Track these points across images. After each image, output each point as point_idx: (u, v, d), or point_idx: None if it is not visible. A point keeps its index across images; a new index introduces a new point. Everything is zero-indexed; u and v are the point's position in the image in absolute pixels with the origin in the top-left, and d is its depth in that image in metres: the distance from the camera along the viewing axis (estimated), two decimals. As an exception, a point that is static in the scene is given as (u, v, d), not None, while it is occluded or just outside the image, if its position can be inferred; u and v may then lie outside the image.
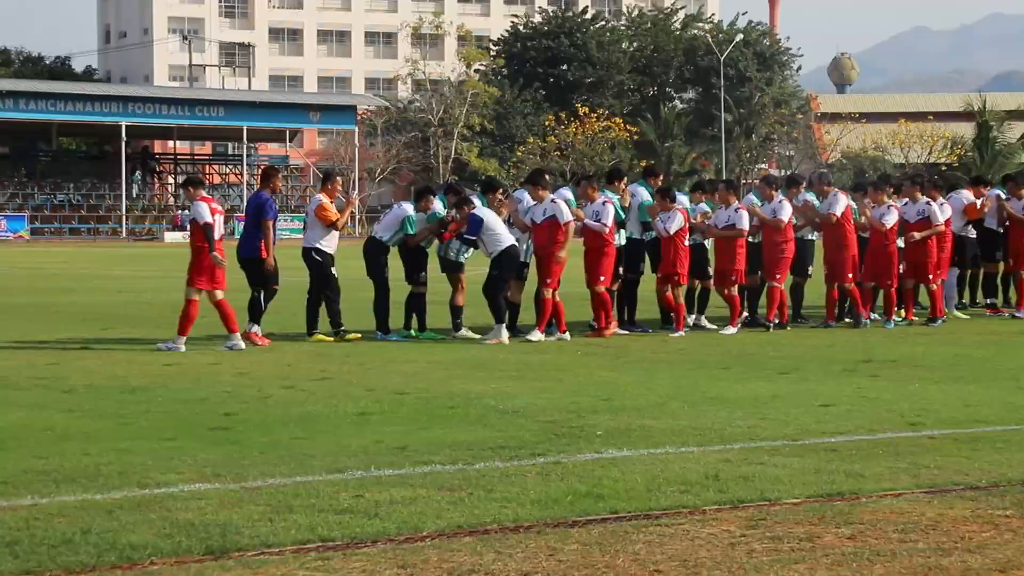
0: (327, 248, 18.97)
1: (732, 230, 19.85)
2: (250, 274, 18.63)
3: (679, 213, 19.54)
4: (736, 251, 19.87)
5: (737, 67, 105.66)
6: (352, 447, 10.36)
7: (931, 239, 20.77)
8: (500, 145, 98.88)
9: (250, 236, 18.70)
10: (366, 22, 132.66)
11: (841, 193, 20.73)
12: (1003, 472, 9.33)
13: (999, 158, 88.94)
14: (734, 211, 19.93)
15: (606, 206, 19.18)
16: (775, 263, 19.99)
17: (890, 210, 20.49)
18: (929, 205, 20.85)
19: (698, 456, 9.97)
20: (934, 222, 20.76)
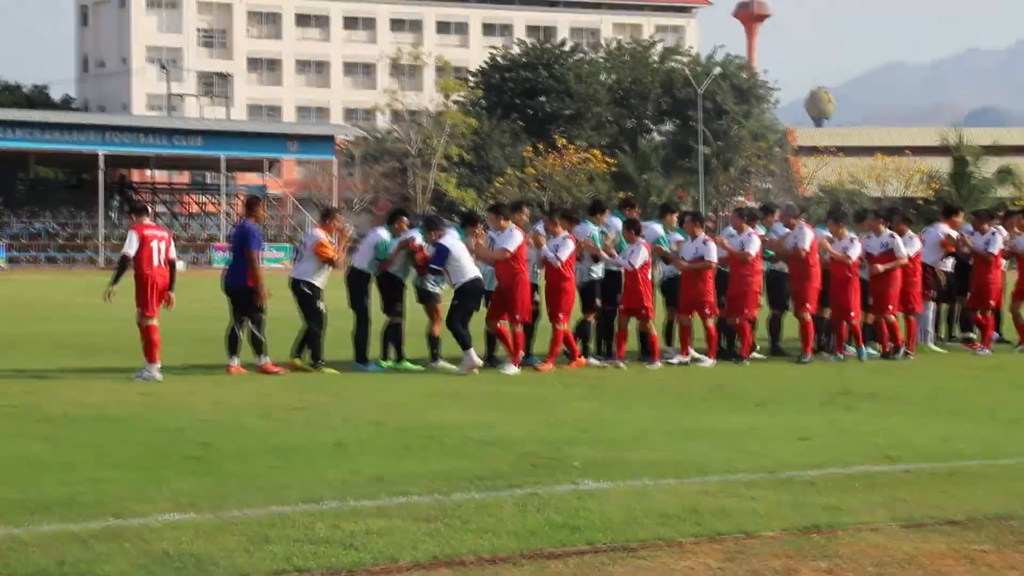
0: (318, 282, 18.97)
1: (700, 262, 19.84)
2: (235, 304, 18.58)
3: (643, 247, 19.50)
4: (705, 283, 19.83)
5: (715, 100, 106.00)
6: (329, 477, 10.33)
7: (897, 272, 20.84)
8: (478, 176, 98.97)
9: (236, 266, 18.66)
10: (345, 52, 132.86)
11: (807, 226, 20.72)
12: (980, 507, 9.35)
13: (975, 192, 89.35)
14: (702, 243, 19.91)
15: (566, 241, 19.14)
16: (742, 296, 20.01)
17: (853, 243, 20.62)
18: (892, 238, 20.92)
19: (676, 488, 9.96)
20: (897, 255, 20.81)
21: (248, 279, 18.40)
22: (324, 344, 18.86)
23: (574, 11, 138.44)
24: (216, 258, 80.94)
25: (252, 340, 18.42)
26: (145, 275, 17.77)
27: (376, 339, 19.35)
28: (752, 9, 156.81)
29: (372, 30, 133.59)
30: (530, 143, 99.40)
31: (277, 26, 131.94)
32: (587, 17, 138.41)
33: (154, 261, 17.82)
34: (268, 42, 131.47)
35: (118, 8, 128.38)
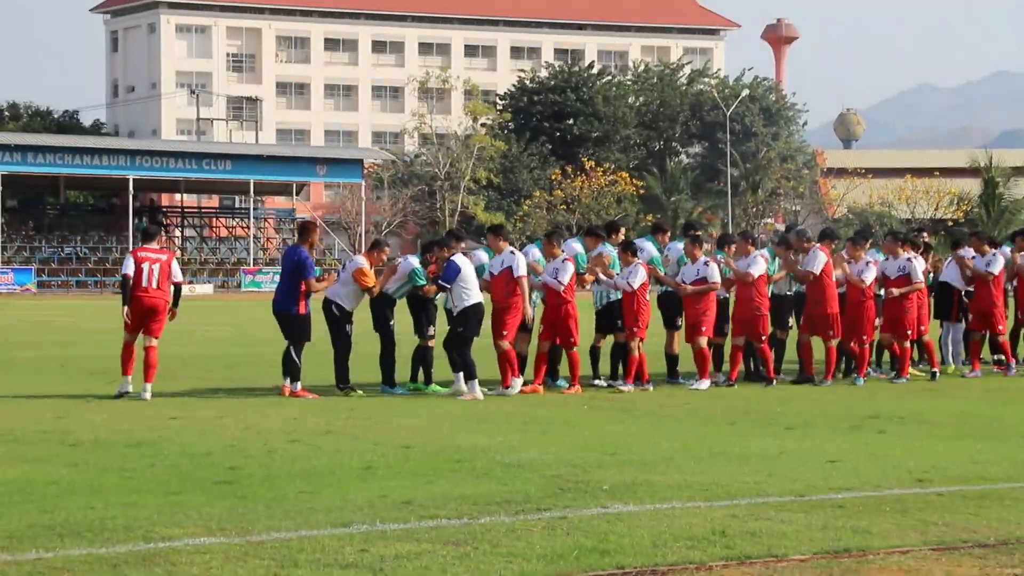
0: (348, 306, 19.03)
1: (704, 284, 19.70)
2: (284, 328, 18.66)
3: (641, 267, 19.24)
4: (706, 304, 19.64)
5: (743, 122, 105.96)
6: (357, 501, 10.33)
7: (912, 296, 20.63)
8: (506, 199, 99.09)
9: (285, 290, 18.75)
10: (373, 76, 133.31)
11: (820, 249, 20.39)
12: (1011, 530, 9.29)
13: (1006, 214, 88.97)
14: (703, 264, 19.79)
15: (565, 264, 18.96)
16: (754, 320, 19.82)
17: (868, 267, 20.47)
18: (910, 261, 20.74)
19: (705, 511, 9.93)
20: (914, 279, 20.62)
21: (299, 307, 18.52)
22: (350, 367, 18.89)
23: (602, 34, 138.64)
24: (245, 282, 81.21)
25: (285, 360, 18.46)
26: (132, 296, 18.24)
27: (404, 362, 19.35)
28: (780, 31, 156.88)
29: (400, 53, 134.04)
30: (558, 166, 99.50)
31: (306, 50, 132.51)
32: (615, 40, 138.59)
33: (142, 283, 18.29)
34: (297, 66, 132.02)
35: (148, 34, 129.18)
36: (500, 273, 18.78)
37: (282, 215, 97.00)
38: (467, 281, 18.53)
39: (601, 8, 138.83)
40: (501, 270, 18.79)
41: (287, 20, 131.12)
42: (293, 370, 18.44)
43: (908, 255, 20.89)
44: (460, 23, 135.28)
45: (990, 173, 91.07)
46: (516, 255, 18.84)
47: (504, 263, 18.79)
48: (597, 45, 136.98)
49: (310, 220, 21.55)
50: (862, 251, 20.75)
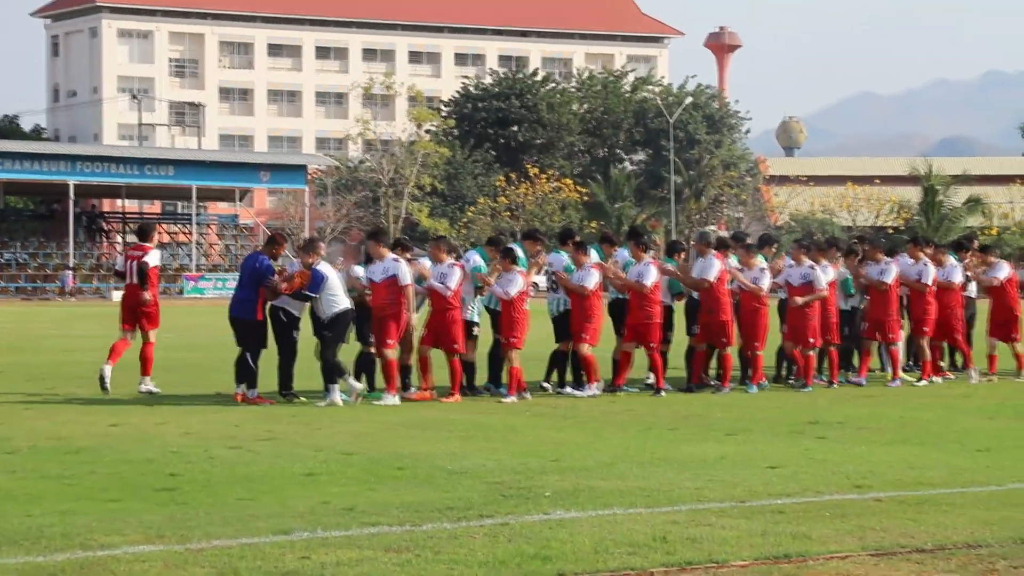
0: (294, 311, 18.96)
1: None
2: (242, 334, 18.55)
3: (519, 276, 19.08)
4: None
5: (686, 129, 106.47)
6: (299, 508, 10.30)
7: (816, 304, 20.37)
8: (451, 205, 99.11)
9: (245, 297, 18.65)
10: (317, 82, 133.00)
11: (715, 257, 20.16)
12: (948, 535, 9.38)
13: (945, 222, 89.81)
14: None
15: (452, 269, 18.82)
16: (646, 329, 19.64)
17: (763, 273, 20.22)
18: (813, 269, 20.50)
19: (646, 517, 9.97)
20: (817, 287, 20.38)
21: (258, 313, 18.45)
22: (294, 374, 18.85)
23: (546, 41, 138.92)
24: (187, 288, 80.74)
25: (243, 371, 18.37)
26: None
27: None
28: (723, 39, 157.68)
29: (344, 60, 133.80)
30: (502, 172, 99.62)
31: (249, 56, 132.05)
32: (559, 47, 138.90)
33: (125, 279, 19.00)
34: (240, 72, 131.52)
35: (89, 38, 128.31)
36: (383, 281, 18.65)
37: (225, 221, 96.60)
38: (333, 289, 18.46)
39: (545, 15, 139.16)
40: (384, 278, 18.63)
41: (230, 25, 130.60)
42: (250, 377, 18.37)
43: (810, 263, 20.55)
44: (404, 29, 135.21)
45: (930, 181, 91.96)
46: (400, 263, 18.74)
47: (388, 271, 18.67)
48: (541, 52, 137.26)
49: (281, 232, 21.52)
50: (755, 258, 20.45)
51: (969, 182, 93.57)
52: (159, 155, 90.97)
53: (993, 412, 17.59)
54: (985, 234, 78.97)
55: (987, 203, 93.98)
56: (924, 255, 21.83)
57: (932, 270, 21.54)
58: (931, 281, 21.44)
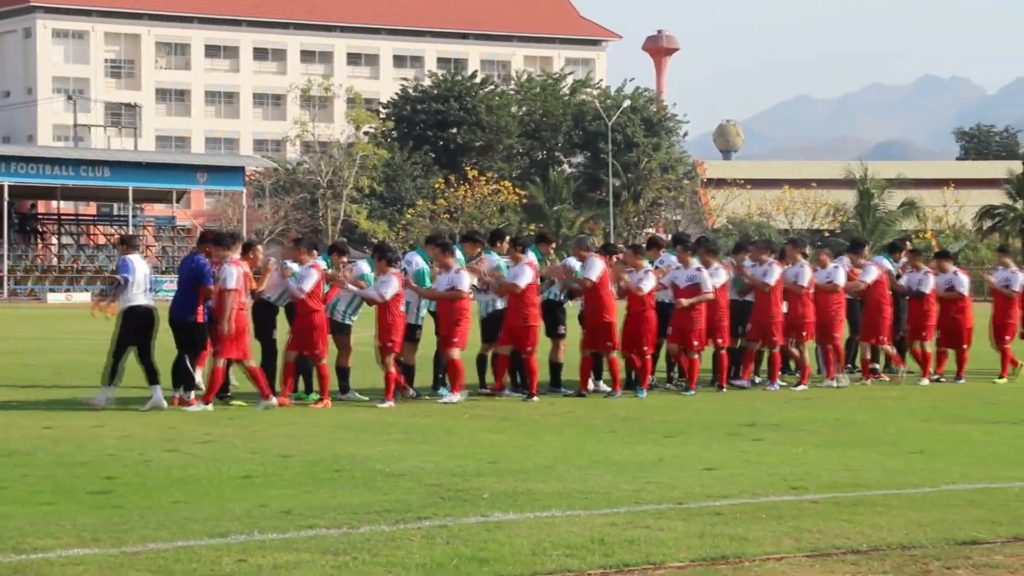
0: None
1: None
2: (180, 336, 18.41)
3: (395, 278, 18.86)
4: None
5: (625, 132, 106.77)
6: (235, 511, 10.25)
7: (702, 307, 20.25)
8: (390, 207, 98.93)
9: (183, 299, 18.49)
10: (254, 83, 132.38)
11: (598, 258, 19.97)
12: (883, 536, 9.45)
13: (880, 225, 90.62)
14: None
15: (309, 271, 18.60)
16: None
17: (648, 275, 19.89)
18: (699, 271, 20.29)
19: (584, 519, 9.98)
20: (703, 289, 20.20)
21: (196, 315, 18.31)
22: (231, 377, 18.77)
23: (485, 43, 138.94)
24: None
25: (177, 368, 18.25)
26: None
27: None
28: (661, 43, 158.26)
29: (282, 61, 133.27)
30: (441, 175, 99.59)
31: (186, 57, 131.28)
32: (498, 49, 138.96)
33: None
34: (176, 73, 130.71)
35: (23, 38, 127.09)
36: None
37: (162, 222, 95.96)
38: (137, 283, 18.38)
39: (484, 18, 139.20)
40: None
41: (167, 26, 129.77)
42: (187, 379, 18.26)
43: (697, 265, 20.31)
44: (343, 31, 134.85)
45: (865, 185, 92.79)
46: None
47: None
48: (480, 54, 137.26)
49: (211, 229, 21.39)
50: (642, 260, 20.17)
51: (904, 186, 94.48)
52: (95, 156, 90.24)
53: (927, 414, 17.76)
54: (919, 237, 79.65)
55: (921, 207, 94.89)
56: (801, 257, 21.48)
57: (808, 272, 21.16)
58: (807, 283, 21.05)
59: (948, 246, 67.92)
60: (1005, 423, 16.75)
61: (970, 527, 9.75)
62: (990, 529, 9.68)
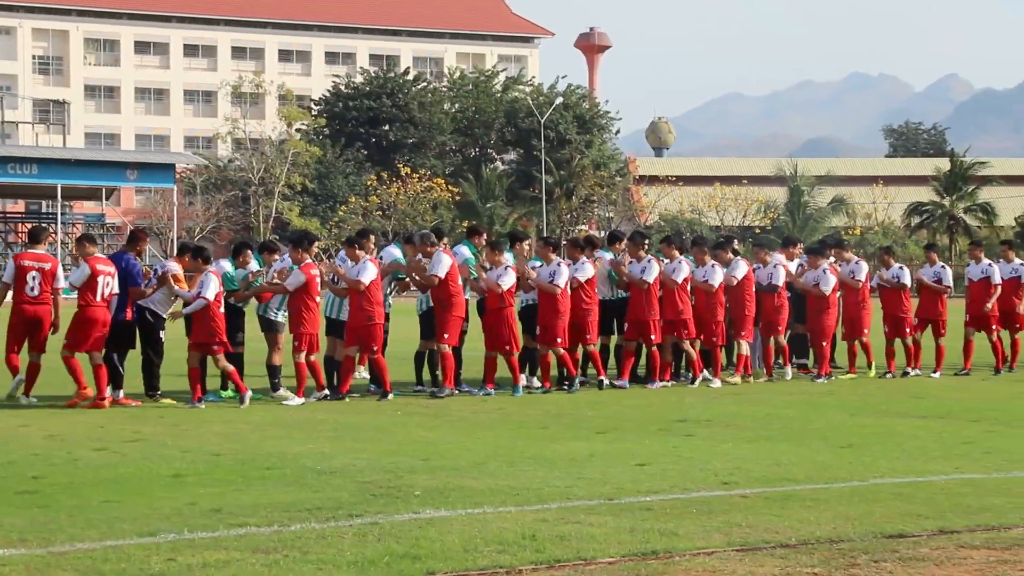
0: (161, 311, 18.75)
1: (549, 286, 19.83)
2: (109, 335, 18.23)
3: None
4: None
5: (557, 129, 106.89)
6: (165, 509, 10.18)
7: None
8: (322, 204, 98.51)
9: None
10: (185, 80, 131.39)
11: (445, 254, 19.62)
12: (812, 530, 9.53)
13: (810, 222, 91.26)
14: (557, 266, 19.85)
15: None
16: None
17: (507, 271, 19.61)
18: (560, 266, 19.86)
19: (515, 515, 10.00)
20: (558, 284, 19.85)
21: (125, 313, 18.18)
22: (161, 375, 18.65)
23: (417, 40, 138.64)
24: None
25: (110, 373, 18.11)
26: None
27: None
28: (593, 40, 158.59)
29: (213, 57, 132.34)
30: (374, 171, 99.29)
31: (115, 53, 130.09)
32: (430, 46, 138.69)
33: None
34: (106, 69, 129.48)
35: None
36: None
37: (91, 220, 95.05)
38: None
39: (416, 15, 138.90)
40: None
41: (95, 22, 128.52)
42: (116, 378, 18.13)
43: (559, 260, 20.09)
44: (274, 27, 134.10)
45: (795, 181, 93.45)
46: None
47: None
48: (412, 51, 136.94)
49: (142, 228, 21.19)
50: (502, 256, 19.89)
51: (833, 182, 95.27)
52: (22, 153, 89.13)
53: (856, 409, 17.91)
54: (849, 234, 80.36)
55: (850, 203, 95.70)
56: (679, 254, 21.37)
57: (686, 269, 20.96)
58: (681, 280, 20.80)
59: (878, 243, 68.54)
60: (932, 417, 16.92)
61: (897, 521, 9.85)
62: (916, 522, 9.79)
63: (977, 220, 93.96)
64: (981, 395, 19.85)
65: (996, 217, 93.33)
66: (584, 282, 20.21)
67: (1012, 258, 24.10)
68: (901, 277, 23.04)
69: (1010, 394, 19.98)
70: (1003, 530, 9.59)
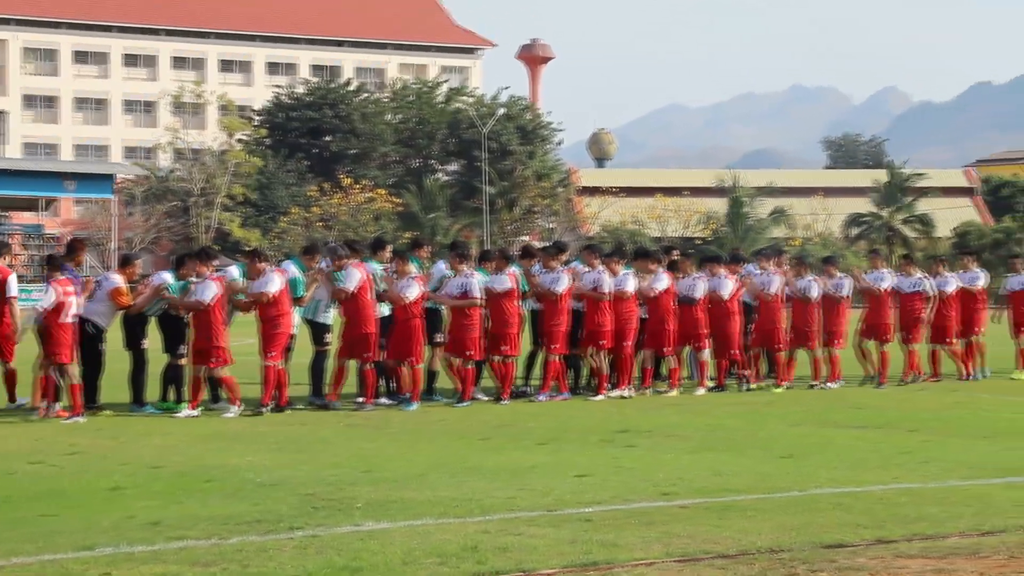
0: (103, 324, 18.65)
1: (464, 299, 19.73)
2: None
3: (416, 281, 19.18)
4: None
5: (500, 140, 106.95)
6: (103, 523, 10.10)
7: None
8: (263, 215, 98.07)
9: None
10: (125, 90, 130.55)
11: (355, 267, 19.32)
12: (752, 540, 9.57)
13: (751, 233, 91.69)
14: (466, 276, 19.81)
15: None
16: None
17: (412, 283, 19.29)
18: (469, 278, 19.83)
19: (457, 527, 9.99)
20: (471, 295, 19.70)
21: None
22: (101, 386, 18.52)
23: (359, 51, 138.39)
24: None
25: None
26: None
27: (155, 380, 19.01)
28: (535, 51, 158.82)
29: (153, 67, 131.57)
30: (316, 182, 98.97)
31: (54, 62, 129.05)
32: (372, 57, 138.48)
33: None
34: (45, 79, 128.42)
35: None
36: None
37: (30, 231, 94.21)
38: None
39: (358, 25, 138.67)
40: None
41: (34, 31, 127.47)
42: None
43: (469, 271, 20.00)
44: (215, 37, 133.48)
45: (736, 193, 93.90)
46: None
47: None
48: (354, 62, 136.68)
49: (80, 239, 20.99)
50: (406, 266, 19.67)
51: (774, 194, 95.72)
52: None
53: (797, 419, 18.01)
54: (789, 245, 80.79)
55: (791, 214, 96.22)
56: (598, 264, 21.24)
57: (566, 279, 20.61)
58: (562, 290, 20.52)
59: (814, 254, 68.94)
60: (871, 427, 17.04)
61: (836, 530, 9.91)
62: (855, 532, 9.86)
63: (915, 231, 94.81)
64: (919, 405, 20.01)
65: (934, 228, 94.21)
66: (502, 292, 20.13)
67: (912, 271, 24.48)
68: (841, 288, 23.21)
69: (947, 404, 20.15)
70: (940, 539, 9.67)
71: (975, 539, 9.67)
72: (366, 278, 19.39)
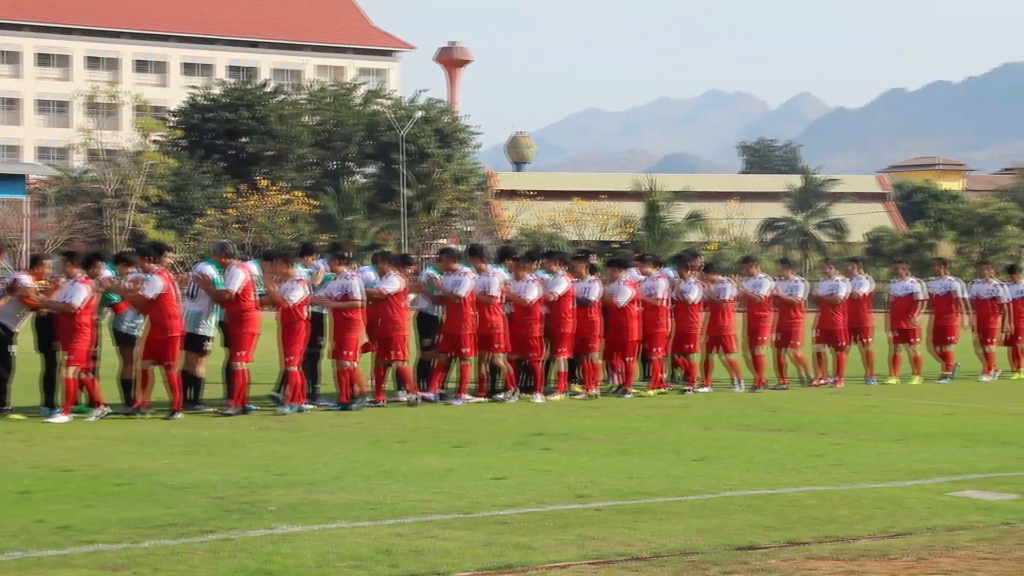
0: (12, 326, 18.44)
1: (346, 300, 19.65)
2: None
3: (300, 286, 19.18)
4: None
5: (417, 143, 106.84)
6: (11, 527, 9.99)
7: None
8: (178, 217, 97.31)
9: None
10: (37, 90, 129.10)
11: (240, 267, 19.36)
12: (664, 542, 9.63)
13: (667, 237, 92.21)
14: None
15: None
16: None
17: (295, 285, 19.23)
18: (349, 280, 19.74)
19: (371, 530, 9.98)
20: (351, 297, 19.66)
21: None
22: (11, 389, 18.31)
23: (276, 52, 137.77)
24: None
25: None
26: None
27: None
28: (454, 54, 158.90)
29: (67, 67, 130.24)
30: (232, 184, 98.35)
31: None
32: (289, 58, 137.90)
33: None
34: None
35: None
36: None
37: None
38: None
39: (275, 26, 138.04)
40: None
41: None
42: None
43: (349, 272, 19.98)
44: (130, 37, 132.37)
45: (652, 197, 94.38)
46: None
47: None
48: (271, 63, 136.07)
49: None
50: (290, 269, 19.54)
51: (690, 198, 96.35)
52: None
53: (709, 422, 18.14)
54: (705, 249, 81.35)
55: (706, 219, 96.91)
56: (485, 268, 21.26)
57: (468, 282, 20.71)
58: (464, 293, 20.58)
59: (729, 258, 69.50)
60: (784, 430, 17.20)
61: (747, 532, 10.00)
62: (766, 534, 9.95)
63: (829, 236, 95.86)
64: (831, 408, 20.22)
65: (847, 233, 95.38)
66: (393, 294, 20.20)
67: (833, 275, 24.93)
68: (760, 288, 23.57)
69: (858, 407, 20.38)
70: (850, 541, 9.79)
71: (885, 541, 9.80)
72: (249, 279, 19.27)
